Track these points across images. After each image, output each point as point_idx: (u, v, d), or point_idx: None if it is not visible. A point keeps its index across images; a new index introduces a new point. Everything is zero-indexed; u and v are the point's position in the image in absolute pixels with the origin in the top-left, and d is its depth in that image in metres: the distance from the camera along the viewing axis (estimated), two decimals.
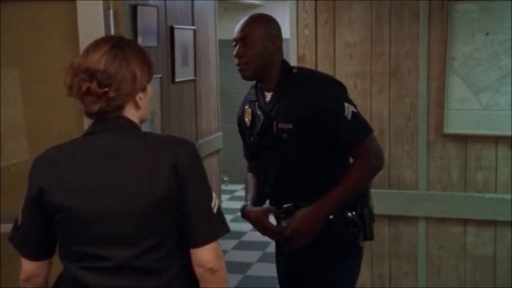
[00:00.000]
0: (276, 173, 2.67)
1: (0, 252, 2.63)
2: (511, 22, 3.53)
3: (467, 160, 3.70)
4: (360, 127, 2.55)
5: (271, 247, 5.86)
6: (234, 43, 2.60)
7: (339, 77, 3.79)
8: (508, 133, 3.60)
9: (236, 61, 2.59)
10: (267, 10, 8.03)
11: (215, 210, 1.84)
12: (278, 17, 9.09)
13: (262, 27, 2.58)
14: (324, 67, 3.80)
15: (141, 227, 1.80)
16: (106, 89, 1.78)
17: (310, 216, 2.51)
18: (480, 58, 3.60)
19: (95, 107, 1.81)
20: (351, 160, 2.63)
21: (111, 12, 2.58)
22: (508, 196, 3.65)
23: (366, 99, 3.76)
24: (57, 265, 1.97)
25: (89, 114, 1.85)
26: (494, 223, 3.71)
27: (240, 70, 2.60)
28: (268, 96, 2.66)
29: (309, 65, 3.83)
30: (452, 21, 3.60)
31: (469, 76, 3.63)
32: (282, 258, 2.83)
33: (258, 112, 2.66)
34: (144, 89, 1.88)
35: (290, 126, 2.55)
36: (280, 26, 2.70)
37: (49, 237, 1.90)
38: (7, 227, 2.02)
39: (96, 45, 1.87)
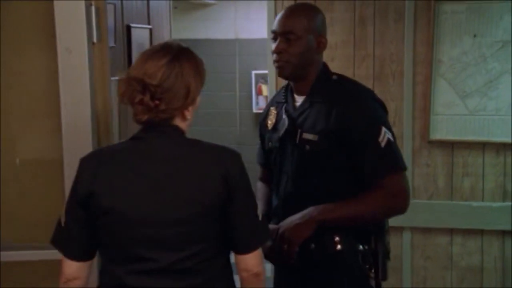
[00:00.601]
0: (288, 188, 2.37)
1: (0, 282, 2.31)
2: (499, 24, 3.41)
3: (454, 167, 3.56)
4: (390, 160, 2.23)
5: None
6: (273, 35, 2.32)
7: None
8: (496, 139, 3.49)
9: (275, 56, 2.30)
10: (218, 9, 7.76)
11: (260, 217, 1.91)
12: (229, 16, 8.82)
13: (308, 20, 2.30)
14: None
15: (188, 233, 1.82)
16: (158, 102, 1.79)
17: (296, 222, 2.23)
18: (467, 61, 3.47)
19: (145, 117, 1.83)
20: None
21: (93, 9, 2.28)
22: (495, 204, 3.54)
23: None
24: None
25: (138, 122, 1.86)
26: (481, 232, 3.59)
27: (278, 68, 2.31)
28: (299, 100, 2.38)
29: None
30: (438, 22, 3.45)
31: (456, 80, 3.49)
32: None
33: (284, 116, 2.38)
34: (194, 102, 1.88)
35: (316, 137, 2.26)
36: (238, 26, 2.45)
37: (92, 238, 1.90)
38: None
39: (155, 54, 1.84)
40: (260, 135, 2.60)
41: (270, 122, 2.48)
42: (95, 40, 2.30)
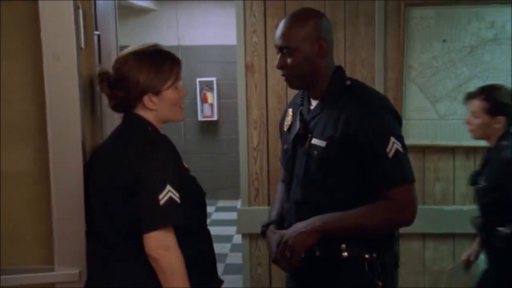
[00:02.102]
0: (298, 193, 2.31)
1: None
2: (467, 29, 3.45)
3: (426, 172, 3.57)
4: (398, 171, 2.13)
5: (232, 259, 5.67)
6: (276, 50, 2.28)
7: None
8: (465, 143, 3.52)
9: (280, 72, 2.28)
10: (159, 15, 7.60)
11: (162, 202, 1.89)
12: (171, 23, 8.62)
13: (302, 29, 2.22)
14: (274, 76, 3.51)
15: (106, 207, 2.02)
16: (116, 90, 2.04)
17: (300, 231, 2.18)
18: (437, 66, 3.49)
19: (111, 104, 2.09)
20: None
21: (81, 12, 2.13)
22: (466, 208, 3.56)
23: None
24: None
25: (110, 108, 2.11)
26: (452, 236, 3.61)
27: (286, 81, 2.30)
28: (314, 103, 2.32)
29: (258, 74, 3.53)
30: (408, 27, 3.46)
31: (427, 85, 3.51)
32: None
33: (298, 119, 2.33)
34: (157, 93, 2.03)
35: (324, 144, 2.20)
36: (180, 32, 2.40)
37: None
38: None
39: (125, 51, 2.08)
40: (280, 136, 2.56)
41: (286, 124, 2.44)
42: (82, 45, 2.14)
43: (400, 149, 2.13)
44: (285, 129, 2.44)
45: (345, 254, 2.21)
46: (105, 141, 2.14)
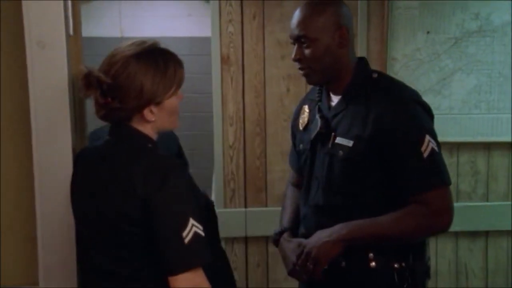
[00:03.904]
0: (319, 196, 2.11)
1: None
2: (451, 20, 3.33)
3: None
4: (433, 172, 1.97)
5: None
6: (291, 41, 2.07)
7: (269, 80, 3.34)
8: (449, 138, 3.41)
9: (297, 65, 2.06)
10: (101, 5, 7.23)
11: (186, 240, 1.70)
12: (113, 14, 8.18)
13: (321, 17, 2.02)
14: (252, 69, 3.30)
15: (108, 236, 1.77)
16: (110, 99, 1.73)
17: (324, 240, 2.00)
18: (421, 58, 3.36)
19: (100, 113, 1.78)
20: None
21: (70, 3, 1.86)
22: None
23: None
24: None
25: (98, 117, 1.81)
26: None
27: (305, 76, 2.08)
28: (335, 99, 2.11)
29: (234, 67, 3.30)
30: (392, 18, 3.30)
31: (410, 78, 3.35)
32: None
33: (317, 116, 2.11)
34: (158, 103, 1.77)
35: (350, 143, 2.00)
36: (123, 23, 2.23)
37: None
38: None
39: (120, 51, 1.75)
40: (291, 135, 2.35)
41: (302, 122, 2.24)
42: (71, 32, 1.86)
43: (436, 148, 1.97)
44: (301, 127, 2.23)
45: (373, 264, 2.04)
46: (95, 157, 1.85)
